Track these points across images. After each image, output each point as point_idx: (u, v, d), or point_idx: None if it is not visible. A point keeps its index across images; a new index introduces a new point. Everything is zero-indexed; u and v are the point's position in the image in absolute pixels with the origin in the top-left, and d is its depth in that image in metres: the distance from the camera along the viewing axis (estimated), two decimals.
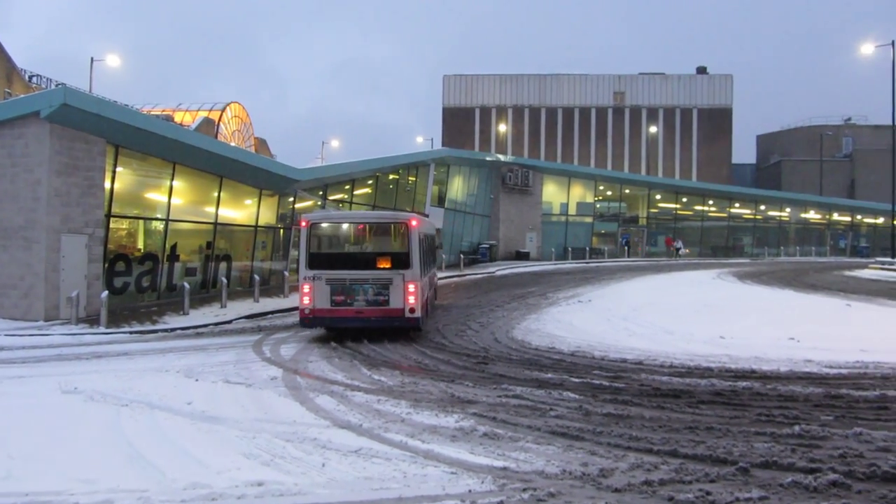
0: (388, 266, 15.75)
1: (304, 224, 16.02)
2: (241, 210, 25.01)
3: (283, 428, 8.52)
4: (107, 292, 17.42)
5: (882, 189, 58.74)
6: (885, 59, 43.27)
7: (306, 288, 15.57)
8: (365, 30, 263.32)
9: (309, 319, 15.66)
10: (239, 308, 21.04)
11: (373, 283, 15.62)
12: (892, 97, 42.35)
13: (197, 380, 11.36)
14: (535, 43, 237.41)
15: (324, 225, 16.64)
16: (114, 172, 19.26)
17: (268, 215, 25.91)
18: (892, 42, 41.66)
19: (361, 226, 17.16)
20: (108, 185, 18.98)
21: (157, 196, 21.23)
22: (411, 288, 15.55)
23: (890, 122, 43.97)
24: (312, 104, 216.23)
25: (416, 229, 16.01)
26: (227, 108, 57.56)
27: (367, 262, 16.01)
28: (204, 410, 9.40)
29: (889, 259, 44.43)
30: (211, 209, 22.92)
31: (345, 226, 17.17)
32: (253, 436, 8.20)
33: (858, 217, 66.83)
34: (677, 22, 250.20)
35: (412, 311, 15.50)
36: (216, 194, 22.86)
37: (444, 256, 41.01)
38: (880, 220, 63.25)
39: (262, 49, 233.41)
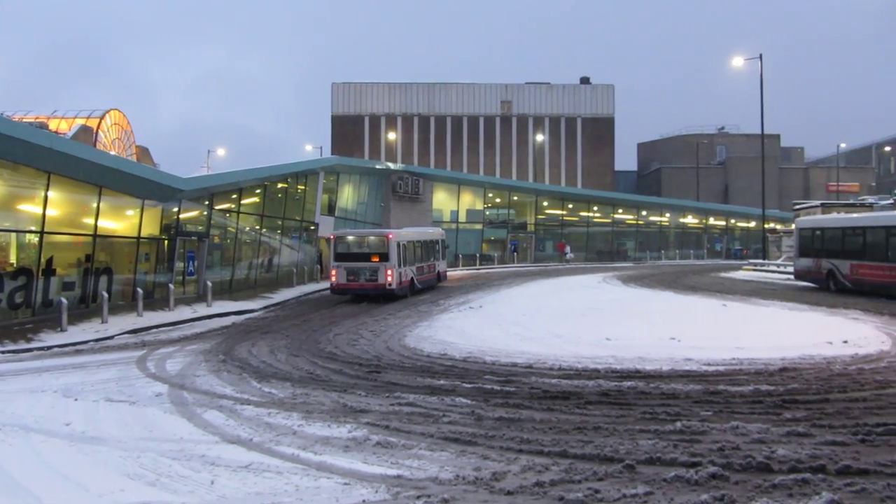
0: (377, 260, 27.20)
1: (333, 237, 28.74)
2: (122, 221, 24.06)
3: (170, 446, 8.25)
4: None
5: (753, 194, 62.05)
6: (754, 71, 45.67)
7: (334, 272, 27.51)
8: (242, 41, 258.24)
9: (336, 290, 27.69)
10: (121, 323, 20.22)
11: (368, 269, 27.16)
12: (760, 107, 44.80)
13: (76, 399, 10.84)
14: (421, 53, 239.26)
15: (343, 238, 28.61)
16: None
17: (151, 226, 25.02)
18: (760, 56, 44.07)
19: (362, 238, 29.04)
20: None
21: (30, 207, 20.14)
22: (389, 272, 26.84)
23: (760, 132, 46.49)
24: (194, 114, 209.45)
25: (392, 239, 27.42)
26: (107, 115, 55.04)
27: (365, 257, 27.60)
28: (84, 431, 8.99)
29: (761, 260, 46.91)
30: (90, 220, 21.95)
31: (353, 238, 29.09)
32: (137, 455, 7.90)
33: (732, 221, 70.26)
34: (561, 34, 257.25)
35: (389, 285, 26.84)
36: (95, 205, 21.92)
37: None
38: (752, 224, 66.62)
39: (135, 61, 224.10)
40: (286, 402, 10.45)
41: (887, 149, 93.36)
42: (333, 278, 27.37)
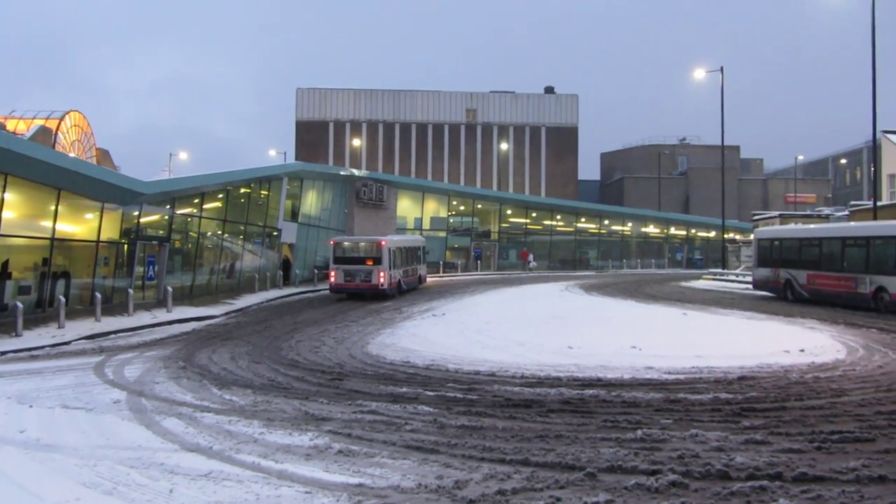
0: (371, 263, 30.50)
1: (332, 243, 32.00)
2: (81, 224, 23.66)
3: (128, 454, 8.12)
4: None
5: (713, 204, 62.90)
6: (715, 83, 46.40)
7: (332, 274, 31.03)
8: (199, 46, 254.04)
9: (334, 289, 31.16)
10: (79, 328, 19.88)
11: (363, 271, 30.57)
12: (721, 119, 45.50)
13: (31, 406, 10.62)
14: (385, 61, 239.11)
15: (340, 243, 31.92)
16: None
17: (111, 230, 24.64)
18: (721, 68, 44.80)
19: (358, 244, 32.09)
20: None
21: None
22: (381, 274, 30.28)
23: (720, 143, 47.21)
24: (153, 117, 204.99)
25: (385, 245, 30.64)
26: (67, 116, 54.10)
27: (361, 260, 30.82)
28: (39, 438, 8.81)
29: (720, 270, 47.59)
30: (48, 223, 21.55)
31: (350, 243, 32.22)
32: (94, 463, 7.77)
33: (693, 231, 71.15)
34: (526, 44, 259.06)
35: (382, 285, 30.30)
36: (53, 207, 21.54)
37: (297, 272, 40.40)
38: (712, 234, 67.54)
39: (92, 63, 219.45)
40: (247, 410, 10.35)
41: (843, 161, 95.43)
42: (332, 279, 31.05)
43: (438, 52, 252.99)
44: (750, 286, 35.11)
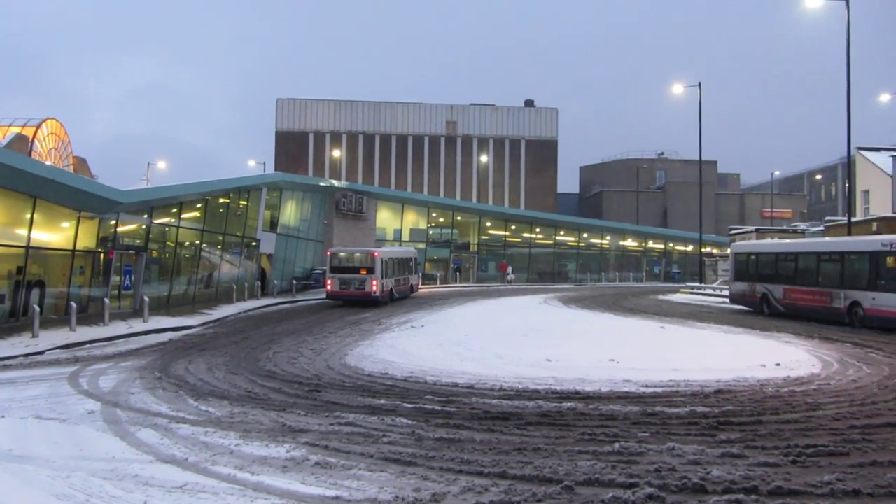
0: (364, 272, 32.93)
1: (329, 253, 34.59)
2: (57, 233, 23.43)
3: (102, 465, 8.03)
4: None
5: (691, 218, 63.44)
6: (694, 99, 46.86)
7: (329, 282, 33.69)
8: (176, 56, 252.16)
9: (331, 296, 33.85)
10: (53, 338, 19.63)
11: (357, 280, 32.95)
12: (699, 134, 45.94)
13: (3, 416, 10.46)
14: (365, 73, 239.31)
15: (337, 254, 34.17)
16: None
17: (87, 239, 24.41)
18: (699, 84, 45.26)
19: (353, 255, 33.98)
20: None
21: None
22: (374, 283, 32.67)
23: (698, 157, 47.66)
24: (130, 126, 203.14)
25: (377, 256, 33.03)
26: (43, 124, 53.51)
27: (355, 270, 33.21)
28: (11, 449, 8.68)
29: (697, 284, 47.92)
30: (23, 232, 21.32)
31: (345, 254, 34.19)
32: (67, 475, 7.66)
33: (671, 245, 71.64)
34: (506, 58, 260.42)
35: (374, 293, 32.71)
36: (29, 216, 21.32)
37: (276, 283, 40.18)
38: (690, 248, 68.03)
39: (67, 72, 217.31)
40: (223, 421, 10.27)
41: (819, 177, 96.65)
42: (329, 287, 33.78)
43: (419, 65, 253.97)
44: (727, 300, 35.38)
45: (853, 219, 33.62)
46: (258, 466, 7.98)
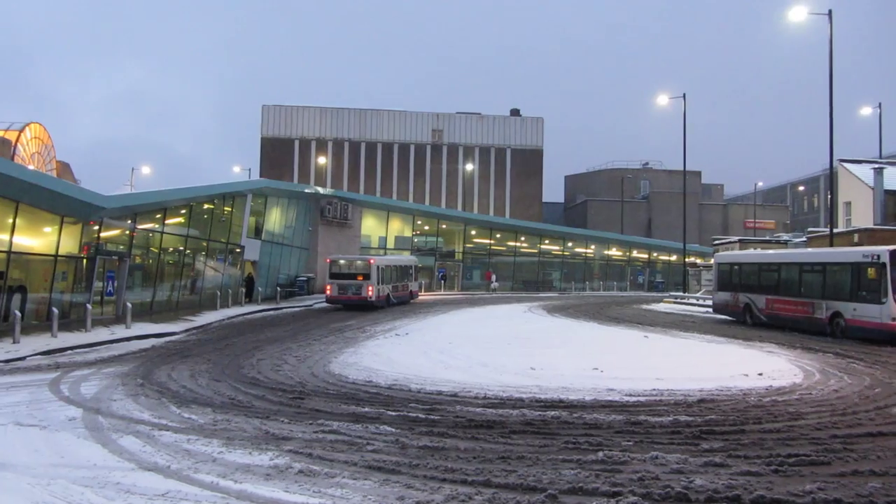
0: (361, 279, 35.12)
1: (328, 260, 37.07)
2: (39, 238, 23.27)
3: (83, 473, 7.96)
4: None
5: (675, 228, 63.79)
6: (678, 110, 47.14)
7: (328, 287, 36.14)
8: (159, 62, 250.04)
9: (330, 300, 36.05)
10: (34, 344, 19.46)
11: (355, 285, 35.16)
12: (683, 145, 46.24)
13: None
14: (351, 81, 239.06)
15: (336, 261, 36.59)
16: None
17: (70, 244, 24.25)
18: (683, 95, 45.57)
19: (351, 262, 36.50)
20: None
21: None
22: (370, 288, 34.92)
23: (682, 168, 47.93)
24: (113, 131, 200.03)
25: (373, 263, 35.42)
26: (27, 128, 53.10)
27: (353, 276, 35.38)
28: None
29: (681, 293, 48.13)
30: (4, 236, 21.15)
31: (343, 261, 36.65)
32: (47, 482, 7.59)
33: (655, 254, 71.95)
34: (492, 67, 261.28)
35: (370, 297, 34.93)
36: (10, 220, 21.16)
37: (260, 290, 40.06)
38: (674, 258, 68.36)
39: (49, 76, 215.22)
40: (206, 429, 10.21)
41: (801, 188, 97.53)
42: (328, 292, 36.27)
43: (405, 73, 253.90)
44: (710, 310, 35.56)
45: (835, 230, 33.89)
46: (241, 474, 7.94)
